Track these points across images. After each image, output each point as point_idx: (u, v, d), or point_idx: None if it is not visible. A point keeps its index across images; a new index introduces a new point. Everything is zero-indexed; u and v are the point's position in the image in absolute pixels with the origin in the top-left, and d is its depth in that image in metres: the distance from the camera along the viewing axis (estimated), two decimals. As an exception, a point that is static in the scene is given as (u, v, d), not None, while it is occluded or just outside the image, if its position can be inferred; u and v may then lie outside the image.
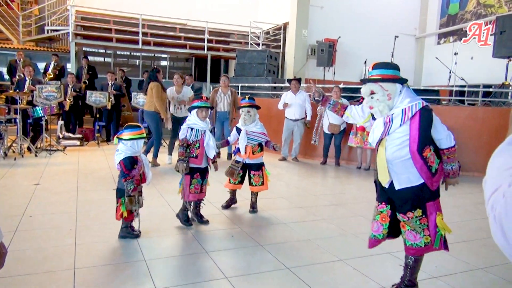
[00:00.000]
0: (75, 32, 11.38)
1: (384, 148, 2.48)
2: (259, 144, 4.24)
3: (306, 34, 12.44)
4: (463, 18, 12.86)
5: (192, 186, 3.70)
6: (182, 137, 3.70)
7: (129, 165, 3.27)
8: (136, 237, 3.40)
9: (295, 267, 2.95)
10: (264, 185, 4.27)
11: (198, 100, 3.77)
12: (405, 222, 2.52)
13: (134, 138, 3.30)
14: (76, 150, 8.10)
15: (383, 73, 2.46)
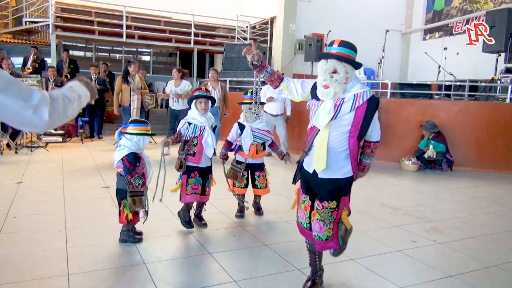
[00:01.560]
0: (55, 24, 10.91)
1: (327, 133, 2.30)
2: (262, 143, 3.86)
3: (294, 28, 12.28)
4: (449, 14, 12.94)
5: (189, 186, 3.37)
6: (179, 129, 3.40)
7: (133, 161, 3.02)
8: (139, 242, 3.13)
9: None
10: (267, 188, 3.95)
11: (196, 91, 3.49)
12: (318, 210, 2.37)
13: (141, 134, 3.08)
14: (58, 147, 7.74)
15: (349, 54, 2.28)
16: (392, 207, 4.49)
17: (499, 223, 4.06)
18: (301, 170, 2.46)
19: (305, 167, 2.43)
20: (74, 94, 1.37)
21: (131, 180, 2.98)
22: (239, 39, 13.25)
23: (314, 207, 2.38)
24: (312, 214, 2.39)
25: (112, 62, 13.96)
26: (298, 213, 2.52)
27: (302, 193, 2.48)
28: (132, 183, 2.98)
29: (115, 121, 10.71)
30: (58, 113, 1.25)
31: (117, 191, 3.15)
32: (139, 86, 7.05)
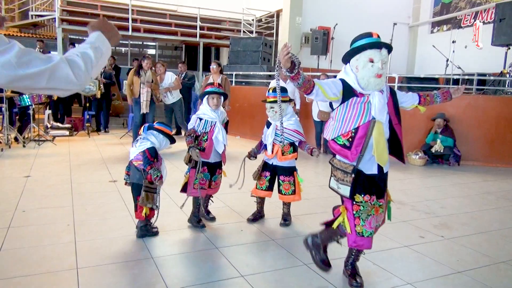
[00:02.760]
0: (61, 17, 10.91)
1: (382, 125, 2.28)
2: (291, 143, 3.48)
3: (300, 21, 12.18)
4: (457, 6, 12.76)
5: (197, 181, 3.30)
6: (190, 127, 3.37)
7: (154, 154, 3.09)
8: (155, 235, 3.17)
9: (313, 263, 2.78)
10: (296, 194, 3.53)
11: (209, 86, 3.43)
12: (380, 206, 2.38)
13: (167, 136, 3.22)
14: (65, 141, 7.78)
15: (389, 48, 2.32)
16: (399, 202, 4.47)
17: (508, 218, 4.03)
18: (360, 178, 2.32)
19: (366, 171, 2.33)
20: (96, 52, 1.36)
21: (150, 171, 2.99)
22: (245, 33, 13.18)
23: (377, 206, 2.37)
24: (375, 211, 2.37)
25: (117, 56, 13.96)
26: (367, 226, 2.34)
27: (369, 198, 2.33)
28: (150, 174, 3.00)
29: (121, 115, 10.75)
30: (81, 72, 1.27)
31: (133, 185, 3.15)
32: (150, 79, 7.07)
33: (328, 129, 2.40)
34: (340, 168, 2.35)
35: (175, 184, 4.54)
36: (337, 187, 2.39)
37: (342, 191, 2.36)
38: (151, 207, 3.10)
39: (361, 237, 2.35)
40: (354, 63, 2.30)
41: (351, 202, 2.35)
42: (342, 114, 2.28)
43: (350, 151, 2.27)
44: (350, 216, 2.36)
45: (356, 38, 2.34)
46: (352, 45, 2.35)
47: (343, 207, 2.42)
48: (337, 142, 2.32)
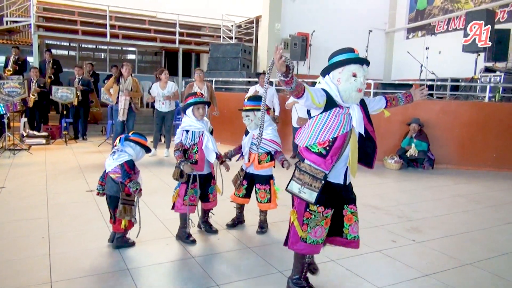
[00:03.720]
0: (37, 23, 10.75)
1: (356, 137, 2.38)
2: (268, 152, 3.52)
3: (279, 27, 12.32)
4: (431, 13, 13.14)
5: (187, 197, 3.28)
6: (177, 141, 3.30)
7: (132, 166, 3.10)
8: (132, 246, 3.18)
9: (287, 270, 2.84)
10: (272, 202, 3.57)
11: (192, 96, 3.38)
12: (353, 213, 2.49)
13: (143, 148, 3.22)
14: (42, 149, 7.66)
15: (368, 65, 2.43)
16: (374, 207, 4.58)
17: (475, 221, 4.19)
18: (326, 186, 2.35)
19: (334, 180, 2.40)
20: None
21: (129, 184, 3.00)
22: (224, 39, 13.25)
23: (347, 213, 2.46)
24: (347, 219, 2.46)
25: (96, 61, 13.83)
26: (312, 234, 2.38)
27: (323, 210, 2.37)
28: (129, 187, 3.01)
29: (100, 122, 10.64)
30: None
31: (110, 198, 3.14)
32: (129, 87, 7.03)
33: (301, 136, 2.44)
34: (309, 172, 2.36)
35: (153, 193, 4.56)
36: (299, 192, 2.37)
37: (306, 196, 2.34)
38: (129, 219, 3.11)
39: (302, 242, 2.39)
40: (337, 75, 2.36)
41: (304, 208, 2.38)
42: (322, 122, 2.32)
43: (325, 160, 2.32)
44: (299, 221, 2.39)
45: (338, 52, 2.40)
46: (333, 58, 2.41)
47: (293, 210, 2.45)
48: (311, 149, 2.36)
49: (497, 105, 7.29)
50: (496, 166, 7.02)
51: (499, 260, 3.21)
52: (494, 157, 7.08)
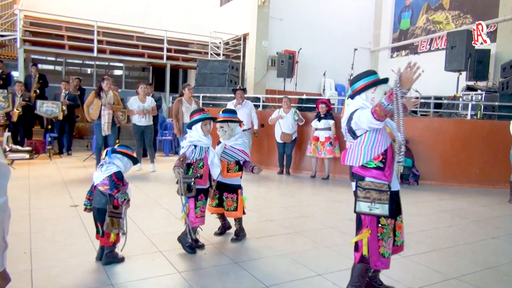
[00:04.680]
0: (23, 38, 10.70)
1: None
2: (237, 162, 3.66)
3: (266, 45, 12.52)
4: (414, 33, 13.54)
5: (198, 210, 3.33)
6: (182, 152, 3.32)
7: (121, 178, 3.08)
8: (121, 261, 3.12)
9: (274, 285, 2.83)
10: (238, 211, 3.69)
11: (200, 112, 3.42)
12: (402, 221, 2.64)
13: (131, 159, 3.22)
14: (25, 164, 7.52)
15: None
16: (360, 222, 4.60)
17: (460, 236, 4.24)
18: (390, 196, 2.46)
19: (393, 188, 2.51)
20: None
21: (117, 195, 2.98)
22: (212, 55, 13.37)
23: (398, 222, 2.60)
24: (398, 227, 2.60)
25: (83, 76, 13.75)
26: (387, 247, 2.47)
27: (390, 221, 2.48)
28: (117, 198, 2.99)
29: (85, 137, 10.53)
30: None
31: (98, 211, 3.09)
32: (111, 101, 7.01)
33: (351, 156, 2.51)
34: (374, 188, 2.45)
35: (138, 208, 4.50)
36: (370, 209, 2.46)
37: (379, 211, 2.43)
38: (117, 232, 3.07)
39: (383, 258, 2.48)
40: (370, 95, 2.52)
41: (376, 224, 2.46)
42: (372, 139, 2.44)
43: (384, 172, 2.44)
44: (374, 238, 2.46)
45: (365, 75, 2.57)
46: (361, 80, 2.55)
47: (367, 229, 2.48)
48: (369, 166, 2.47)
49: (479, 122, 7.48)
50: (479, 182, 7.16)
51: (484, 274, 3.24)
52: (477, 173, 7.22)
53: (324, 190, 6.50)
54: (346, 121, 2.55)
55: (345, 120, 2.56)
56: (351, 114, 2.49)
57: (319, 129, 7.29)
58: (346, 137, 2.62)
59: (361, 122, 2.42)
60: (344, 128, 2.57)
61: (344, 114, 2.59)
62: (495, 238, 4.24)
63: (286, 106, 7.57)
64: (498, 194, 6.54)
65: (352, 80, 2.60)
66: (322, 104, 7.32)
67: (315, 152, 7.29)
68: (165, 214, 4.59)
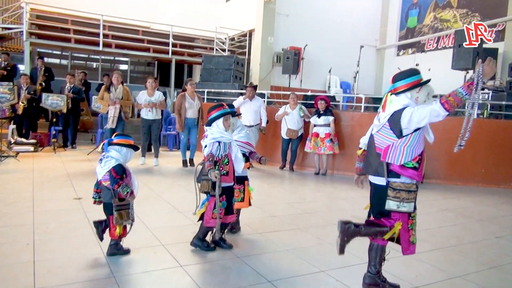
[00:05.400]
0: (29, 31, 10.71)
1: None
2: (243, 154, 3.61)
3: (272, 41, 12.47)
4: (421, 31, 13.43)
5: (216, 210, 3.21)
6: (208, 153, 3.17)
7: (120, 171, 3.03)
8: (126, 253, 3.13)
9: (277, 280, 2.82)
10: (244, 202, 3.67)
11: (220, 108, 3.31)
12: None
13: (129, 147, 3.15)
14: (30, 157, 7.55)
15: None
16: (363, 219, 4.57)
17: (464, 235, 4.21)
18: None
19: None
20: None
21: (118, 190, 2.97)
22: (217, 51, 13.34)
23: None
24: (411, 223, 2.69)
25: (88, 71, 13.77)
26: (415, 235, 2.71)
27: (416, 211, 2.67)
28: (120, 192, 2.99)
29: (90, 131, 10.55)
30: None
31: (104, 205, 3.11)
32: (120, 96, 7.02)
33: (393, 155, 2.56)
34: (404, 189, 2.58)
35: (142, 202, 4.50)
36: (397, 207, 2.60)
37: (405, 209, 2.60)
38: (127, 224, 3.11)
39: (413, 245, 2.69)
40: (415, 95, 2.56)
41: (407, 217, 2.63)
42: (416, 140, 2.52)
43: (418, 172, 2.55)
44: (405, 229, 2.64)
45: (411, 73, 2.58)
46: (408, 79, 2.56)
47: (398, 222, 2.63)
48: (407, 166, 2.54)
49: (485, 121, 7.41)
50: (485, 181, 7.10)
51: (488, 273, 3.22)
52: (483, 172, 7.16)
53: (328, 187, 6.47)
54: (388, 116, 2.54)
55: (387, 116, 2.55)
56: (399, 112, 2.50)
57: (319, 125, 7.27)
58: (379, 132, 2.61)
59: (416, 121, 2.45)
60: (384, 123, 2.56)
61: (385, 109, 2.58)
62: (500, 237, 4.20)
63: (293, 103, 7.54)
64: (503, 193, 6.49)
65: (396, 77, 2.59)
66: (321, 101, 7.29)
67: (314, 148, 7.27)
68: (168, 208, 4.59)
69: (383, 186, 2.62)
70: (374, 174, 2.69)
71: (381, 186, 2.64)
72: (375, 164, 2.66)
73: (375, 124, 2.68)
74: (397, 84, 2.58)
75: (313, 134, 7.30)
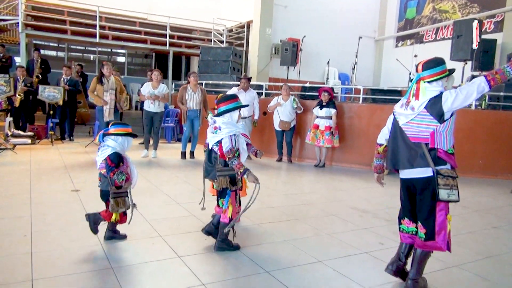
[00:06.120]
0: (25, 22, 10.62)
1: None
2: None
3: (270, 32, 12.39)
4: (420, 22, 13.36)
5: (237, 204, 3.18)
6: (229, 148, 3.03)
7: (116, 159, 3.03)
8: (124, 238, 3.20)
9: (274, 271, 2.83)
10: (242, 191, 3.61)
11: (235, 99, 3.20)
12: None
13: (126, 135, 3.13)
14: (27, 149, 7.52)
15: None
16: (361, 210, 4.59)
17: (462, 225, 4.22)
18: None
19: None
20: None
21: (114, 178, 2.98)
22: (215, 42, 13.25)
23: None
24: None
25: (85, 63, 13.69)
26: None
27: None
28: (115, 180, 2.99)
29: (87, 123, 10.51)
30: None
31: (102, 192, 3.17)
32: (113, 87, 6.98)
33: (440, 140, 2.52)
34: (451, 175, 2.52)
35: (140, 194, 4.49)
36: (448, 196, 2.51)
37: (454, 197, 2.53)
38: (123, 211, 3.13)
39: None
40: (444, 83, 2.57)
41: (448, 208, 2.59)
42: (452, 126, 2.54)
43: (454, 158, 2.56)
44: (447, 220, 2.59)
45: (441, 62, 2.58)
46: (440, 67, 2.55)
47: (450, 216, 2.61)
48: (449, 152, 2.53)
49: (483, 112, 7.40)
50: (483, 172, 7.11)
51: (485, 262, 3.23)
52: (480, 163, 7.17)
53: (326, 178, 6.47)
54: (425, 103, 2.51)
55: (423, 103, 2.51)
56: (438, 98, 2.48)
57: (320, 117, 7.25)
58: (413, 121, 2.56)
59: (462, 100, 2.45)
60: (420, 110, 2.52)
61: (420, 97, 2.54)
62: (497, 227, 4.22)
63: (286, 94, 7.51)
64: (501, 184, 6.50)
65: (428, 65, 2.55)
66: (325, 92, 7.25)
67: (313, 140, 7.26)
68: (166, 199, 4.58)
69: (430, 176, 2.51)
70: (413, 167, 2.55)
71: (427, 177, 2.53)
72: (412, 156, 2.54)
73: (405, 114, 2.59)
74: (428, 72, 2.55)
75: (314, 126, 7.28)
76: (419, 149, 2.53)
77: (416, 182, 2.60)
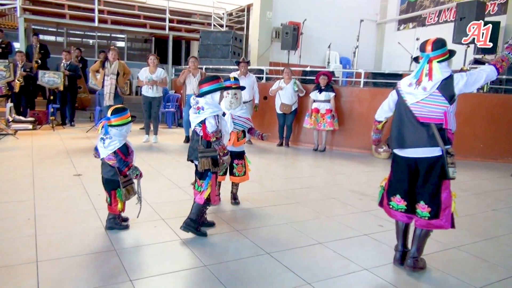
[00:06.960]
0: (23, 6, 10.51)
1: None
2: (243, 130, 3.81)
3: (271, 16, 12.25)
4: (422, 5, 13.18)
5: (217, 186, 3.24)
6: (213, 129, 2.97)
7: (127, 152, 3.07)
8: (126, 229, 3.17)
9: (275, 252, 2.87)
10: (246, 175, 3.89)
11: (218, 80, 3.10)
12: None
13: (128, 123, 3.10)
14: (28, 134, 7.54)
15: None
16: (361, 193, 4.62)
17: (461, 208, 4.22)
18: None
19: None
20: None
21: (128, 172, 3.02)
22: (215, 26, 13.12)
23: None
24: None
25: (84, 48, 13.58)
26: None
27: None
28: (129, 174, 3.05)
29: (88, 108, 10.50)
30: None
31: (105, 181, 3.11)
32: (115, 71, 6.94)
33: (450, 121, 2.56)
34: (454, 154, 2.55)
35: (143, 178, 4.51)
36: (452, 174, 2.54)
37: (456, 174, 2.57)
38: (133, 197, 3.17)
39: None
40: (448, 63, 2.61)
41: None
42: (455, 108, 2.60)
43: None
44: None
45: (446, 42, 2.59)
46: (445, 48, 2.57)
47: (454, 193, 2.66)
48: (453, 131, 2.61)
49: (485, 96, 7.37)
50: (483, 156, 7.12)
51: (483, 244, 3.27)
52: (481, 147, 7.17)
53: (326, 162, 6.50)
54: (438, 84, 2.50)
55: (436, 84, 2.51)
56: (450, 79, 2.50)
57: (319, 101, 7.23)
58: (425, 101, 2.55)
59: (471, 84, 2.50)
60: (433, 91, 2.51)
61: (432, 77, 2.52)
62: (496, 210, 4.26)
63: (287, 77, 7.49)
64: (501, 168, 6.52)
65: (437, 45, 2.54)
66: (324, 76, 7.22)
67: (315, 124, 7.25)
68: (168, 183, 4.62)
69: (439, 156, 2.51)
70: (423, 146, 2.53)
71: (435, 157, 2.53)
72: (421, 136, 2.54)
73: (414, 94, 2.57)
74: (438, 52, 2.54)
75: (313, 110, 7.26)
76: (429, 129, 2.52)
77: (421, 162, 2.61)
